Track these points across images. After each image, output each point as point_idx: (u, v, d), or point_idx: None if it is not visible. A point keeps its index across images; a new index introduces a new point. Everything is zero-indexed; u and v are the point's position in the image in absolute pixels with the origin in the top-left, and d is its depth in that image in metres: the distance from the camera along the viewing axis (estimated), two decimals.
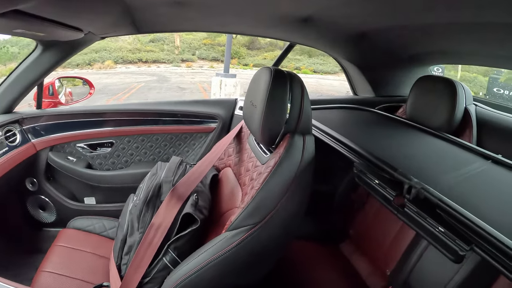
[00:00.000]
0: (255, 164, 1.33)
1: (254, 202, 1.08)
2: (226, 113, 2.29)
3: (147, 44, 21.95)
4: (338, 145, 1.53)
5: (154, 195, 1.35)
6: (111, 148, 2.20)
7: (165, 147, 2.26)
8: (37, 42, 1.76)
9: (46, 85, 2.22)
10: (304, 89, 1.22)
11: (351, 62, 2.45)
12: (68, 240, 1.65)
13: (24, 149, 1.93)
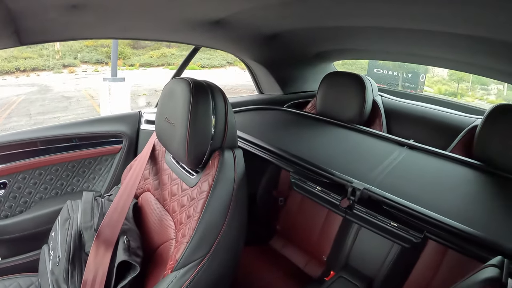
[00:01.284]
0: (182, 187, 1.22)
1: (197, 234, 1.01)
2: (131, 129, 2.05)
3: (24, 50, 20.05)
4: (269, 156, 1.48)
5: (76, 248, 1.12)
6: (5, 190, 1.75)
7: (67, 178, 1.93)
8: None
9: None
10: (227, 99, 1.16)
11: (259, 63, 2.44)
12: None
13: None
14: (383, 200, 1.06)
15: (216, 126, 1.12)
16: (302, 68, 2.68)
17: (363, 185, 1.11)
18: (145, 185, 1.43)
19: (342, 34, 1.97)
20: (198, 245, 1.00)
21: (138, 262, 1.07)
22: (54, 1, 1.18)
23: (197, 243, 1.00)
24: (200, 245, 1.00)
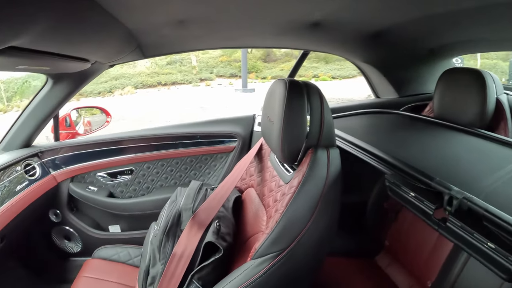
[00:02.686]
0: (278, 183, 1.25)
1: (278, 227, 1.00)
2: (245, 130, 2.21)
3: (164, 67, 22.20)
4: (366, 156, 1.42)
5: (174, 224, 1.28)
6: (131, 176, 2.17)
7: (185, 171, 2.21)
8: (46, 75, 1.76)
9: (63, 117, 2.25)
10: (323, 98, 1.14)
11: (369, 64, 2.34)
12: (93, 271, 1.64)
13: (44, 182, 1.95)
14: (485, 214, 0.86)
15: (311, 124, 1.12)
16: (416, 68, 2.47)
17: (463, 194, 0.93)
18: (250, 181, 1.53)
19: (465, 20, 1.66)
20: (278, 238, 0.99)
21: (223, 246, 1.15)
22: (164, 19, 1.29)
23: (276, 236, 0.99)
24: (279, 238, 0.99)
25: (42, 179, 1.95)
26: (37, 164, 1.98)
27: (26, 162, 1.93)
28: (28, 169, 1.92)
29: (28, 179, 1.87)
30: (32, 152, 1.98)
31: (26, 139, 1.99)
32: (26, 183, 1.83)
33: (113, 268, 1.66)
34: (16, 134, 1.97)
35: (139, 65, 21.90)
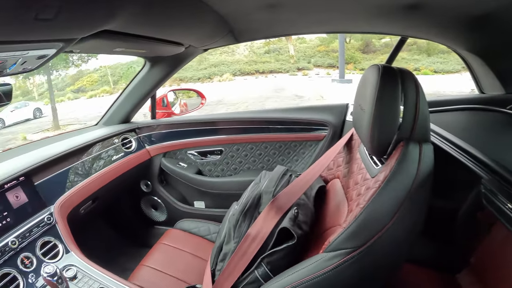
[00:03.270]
0: (365, 176, 1.17)
1: (357, 222, 0.91)
2: (337, 119, 2.10)
3: (262, 55, 22.58)
4: (462, 156, 1.28)
5: (253, 205, 1.29)
6: (221, 156, 2.24)
7: (274, 156, 2.21)
8: (144, 59, 1.88)
9: (160, 97, 2.39)
10: (420, 88, 1.03)
11: (473, 53, 2.03)
12: (172, 239, 1.75)
13: (139, 155, 2.14)
14: None
15: (404, 115, 1.01)
16: None
17: None
18: (337, 171, 1.47)
19: None
20: (354, 234, 0.91)
21: (298, 234, 1.11)
22: (254, 4, 1.28)
23: (353, 231, 0.91)
24: (356, 234, 0.90)
25: (137, 152, 2.14)
26: (133, 139, 2.18)
27: (123, 136, 2.14)
28: (125, 142, 2.13)
29: (124, 151, 2.08)
30: (130, 127, 2.19)
31: (125, 116, 2.21)
32: (122, 154, 2.04)
33: (191, 240, 1.76)
34: (117, 111, 2.20)
35: (238, 53, 22.47)
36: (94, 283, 1.27)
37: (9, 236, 1.35)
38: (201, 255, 1.65)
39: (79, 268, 1.35)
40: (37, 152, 1.72)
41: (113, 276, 1.31)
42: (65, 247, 1.44)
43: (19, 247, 1.35)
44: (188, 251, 1.68)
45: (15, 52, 0.89)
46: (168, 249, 1.70)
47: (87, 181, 1.77)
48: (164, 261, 1.61)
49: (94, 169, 1.86)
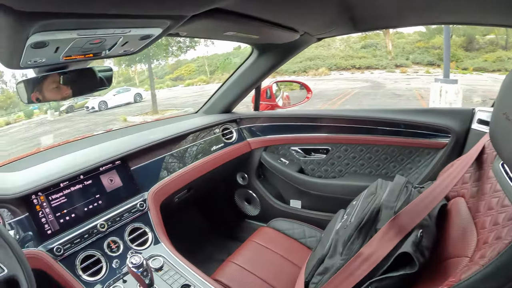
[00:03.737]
0: (502, 202, 0.95)
1: (500, 260, 0.76)
2: (461, 126, 1.80)
3: (359, 50, 22.00)
4: None
5: (370, 220, 1.13)
6: (326, 155, 2.08)
7: (384, 161, 1.97)
8: (252, 47, 1.80)
9: (264, 88, 2.32)
10: None
11: None
12: (264, 238, 1.66)
13: (239, 146, 2.09)
14: None
15: None
16: None
17: None
18: (461, 189, 1.23)
19: None
20: (495, 273, 0.76)
21: (420, 262, 0.95)
22: None
23: (494, 270, 0.76)
24: (497, 274, 0.76)
25: (237, 144, 2.10)
26: (234, 129, 2.13)
27: (224, 126, 2.10)
28: (226, 132, 2.09)
29: (224, 141, 2.04)
30: (232, 118, 2.15)
31: (227, 106, 2.16)
32: (222, 145, 2.01)
33: (283, 242, 1.66)
34: (219, 100, 2.16)
35: (333, 47, 22.12)
36: (179, 278, 1.25)
37: (98, 219, 1.37)
38: (293, 259, 1.55)
39: (166, 259, 1.33)
40: (135, 137, 1.74)
41: (199, 272, 1.27)
42: (154, 236, 1.43)
43: (108, 231, 1.37)
44: (279, 253, 1.58)
45: (116, 30, 0.82)
46: (258, 248, 1.62)
47: (184, 170, 1.76)
48: (253, 260, 1.54)
49: (192, 158, 1.86)
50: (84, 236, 1.31)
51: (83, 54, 0.94)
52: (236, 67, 2.01)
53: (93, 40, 0.84)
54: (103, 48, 0.95)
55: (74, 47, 0.84)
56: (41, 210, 1.30)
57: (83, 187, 1.41)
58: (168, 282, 1.22)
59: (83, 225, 1.34)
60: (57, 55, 0.87)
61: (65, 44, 0.80)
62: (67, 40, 0.78)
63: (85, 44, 0.85)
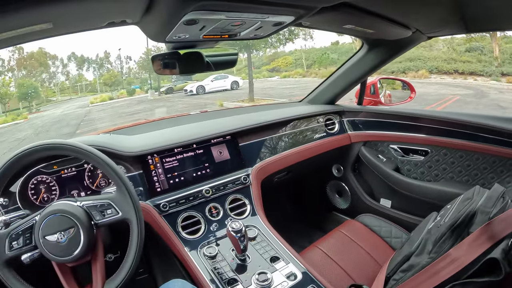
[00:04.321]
0: None
1: None
2: None
3: (463, 54, 20.42)
4: None
5: (464, 222, 1.13)
6: (424, 157, 2.00)
7: (483, 171, 1.83)
8: (363, 41, 1.83)
9: (369, 84, 2.32)
10: None
11: None
12: (350, 231, 1.71)
13: (339, 138, 2.14)
14: None
15: None
16: None
17: None
18: None
19: None
20: None
21: (506, 271, 0.94)
22: None
23: None
24: None
25: (338, 135, 2.15)
26: (337, 121, 2.19)
27: (328, 117, 2.16)
28: (328, 123, 2.15)
29: (326, 131, 2.11)
30: (335, 109, 2.20)
31: (331, 97, 2.23)
32: (324, 135, 2.09)
33: (369, 237, 1.69)
34: (324, 91, 2.23)
35: (436, 48, 20.89)
36: (270, 250, 1.35)
37: (205, 185, 1.53)
38: (375, 256, 1.58)
39: (260, 231, 1.45)
40: (245, 117, 1.89)
41: (289, 247, 1.36)
42: (252, 209, 1.56)
43: (211, 197, 1.52)
44: (363, 247, 1.62)
45: (257, 15, 0.91)
46: (344, 239, 1.67)
47: (286, 153, 1.87)
48: (337, 249, 1.60)
49: (295, 143, 1.95)
50: (189, 198, 1.49)
51: (220, 35, 1.06)
52: (333, 62, 2.06)
53: (234, 23, 0.94)
54: (239, 31, 1.05)
55: (217, 27, 0.95)
56: (155, 170, 1.50)
57: (194, 155, 1.60)
58: (259, 252, 1.34)
59: (190, 188, 1.52)
60: (200, 33, 0.99)
61: (212, 23, 0.91)
62: (215, 20, 0.89)
63: (227, 25, 0.95)
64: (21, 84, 38.12)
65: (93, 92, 55.43)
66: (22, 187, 1.35)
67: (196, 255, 1.34)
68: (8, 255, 1.02)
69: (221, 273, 1.25)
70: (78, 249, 1.02)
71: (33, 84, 38.65)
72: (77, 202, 1.08)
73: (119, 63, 70.91)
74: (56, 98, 52.76)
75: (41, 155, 1.09)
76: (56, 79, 61.64)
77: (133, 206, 1.09)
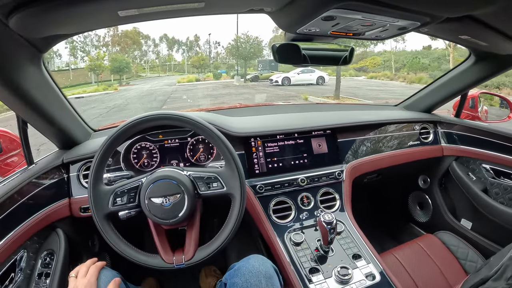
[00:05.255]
0: None
1: None
2: None
3: None
4: None
5: None
6: None
7: None
8: (470, 51, 1.76)
9: (468, 97, 2.22)
10: None
11: None
12: (428, 245, 1.70)
13: (432, 149, 2.08)
14: None
15: None
16: None
17: None
18: None
19: None
20: None
21: None
22: None
23: None
24: None
25: (431, 146, 2.09)
26: (432, 131, 2.12)
27: (423, 125, 2.11)
28: (423, 131, 2.10)
29: (420, 140, 2.07)
30: (431, 119, 2.13)
31: (429, 106, 2.16)
32: (417, 143, 2.05)
33: (444, 256, 1.66)
34: (422, 99, 2.17)
35: None
36: (354, 246, 1.39)
37: (301, 174, 1.60)
38: (448, 275, 1.56)
39: (346, 227, 1.49)
40: (345, 114, 1.93)
41: (371, 248, 1.38)
42: (341, 204, 1.60)
43: (305, 187, 1.58)
44: (438, 264, 1.61)
45: (388, 18, 0.93)
46: (421, 252, 1.67)
47: (381, 156, 1.87)
48: (412, 261, 1.60)
49: (389, 146, 1.95)
50: (284, 184, 1.56)
51: (346, 32, 1.09)
52: (423, 68, 2.00)
53: (366, 23, 0.97)
54: (365, 31, 1.07)
55: (348, 25, 0.99)
56: (256, 153, 1.59)
57: (295, 144, 1.67)
58: (343, 247, 1.38)
59: (287, 175, 1.59)
60: (330, 29, 1.02)
61: (346, 21, 0.94)
62: (349, 19, 0.92)
63: (357, 25, 0.98)
64: (114, 58, 40.84)
65: (181, 72, 57.89)
66: (126, 150, 1.49)
67: (283, 239, 1.41)
68: (110, 209, 1.13)
69: (304, 261, 1.32)
70: (180, 214, 1.11)
71: (125, 60, 41.24)
72: (184, 172, 1.17)
73: (208, 47, 73.50)
74: (145, 74, 55.91)
75: (159, 123, 1.17)
76: (147, 57, 65.54)
77: (240, 182, 1.15)
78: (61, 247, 1.38)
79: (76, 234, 1.54)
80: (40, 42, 0.97)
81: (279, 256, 1.35)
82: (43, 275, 1.30)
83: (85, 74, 43.01)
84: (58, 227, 1.43)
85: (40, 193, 1.33)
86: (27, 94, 1.10)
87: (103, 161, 1.15)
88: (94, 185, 1.12)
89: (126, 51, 55.26)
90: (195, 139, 1.57)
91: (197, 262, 1.15)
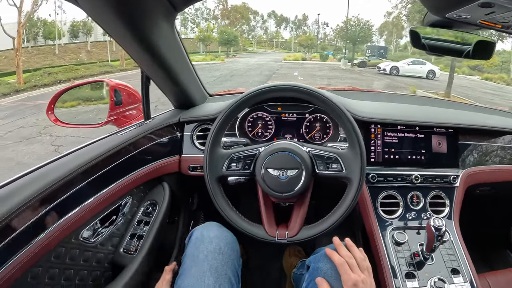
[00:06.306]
0: None
1: None
2: None
3: None
4: None
5: None
6: None
7: None
8: None
9: None
10: None
11: None
12: None
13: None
14: None
15: None
16: None
17: None
18: None
19: None
20: None
21: None
22: None
23: None
24: None
25: None
26: None
27: None
28: None
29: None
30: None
31: None
32: None
33: None
34: None
35: None
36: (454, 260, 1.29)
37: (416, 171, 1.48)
38: None
39: (451, 237, 1.37)
40: (469, 114, 1.76)
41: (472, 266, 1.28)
42: (450, 212, 1.46)
43: (417, 185, 1.47)
44: None
45: None
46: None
47: (501, 168, 1.65)
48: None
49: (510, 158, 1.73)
50: (397, 178, 1.46)
51: (495, 23, 0.98)
52: None
53: None
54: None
55: (502, 16, 0.88)
56: (374, 140, 1.51)
57: (414, 138, 1.55)
58: (444, 258, 1.28)
59: (402, 169, 1.49)
60: (482, 17, 0.93)
61: (503, 10, 0.85)
62: (508, 8, 0.82)
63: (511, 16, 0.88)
64: (223, 31, 42.31)
65: (287, 50, 58.22)
66: (242, 118, 1.52)
67: (385, 235, 1.35)
68: (223, 173, 1.14)
69: (402, 263, 1.26)
70: (295, 189, 1.10)
71: (233, 33, 42.44)
72: (304, 147, 1.15)
73: (316, 28, 72.90)
74: (252, 49, 57.11)
75: (287, 94, 1.15)
76: (254, 32, 66.90)
77: (360, 168, 1.11)
78: (164, 200, 1.46)
79: (180, 190, 1.63)
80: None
81: (378, 252, 1.31)
82: (143, 223, 1.40)
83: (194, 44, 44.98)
84: (165, 181, 1.52)
85: (153, 147, 1.42)
86: (158, 51, 1.13)
87: (224, 124, 1.16)
88: (212, 147, 1.14)
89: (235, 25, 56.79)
90: (313, 116, 1.55)
91: (300, 241, 1.14)
